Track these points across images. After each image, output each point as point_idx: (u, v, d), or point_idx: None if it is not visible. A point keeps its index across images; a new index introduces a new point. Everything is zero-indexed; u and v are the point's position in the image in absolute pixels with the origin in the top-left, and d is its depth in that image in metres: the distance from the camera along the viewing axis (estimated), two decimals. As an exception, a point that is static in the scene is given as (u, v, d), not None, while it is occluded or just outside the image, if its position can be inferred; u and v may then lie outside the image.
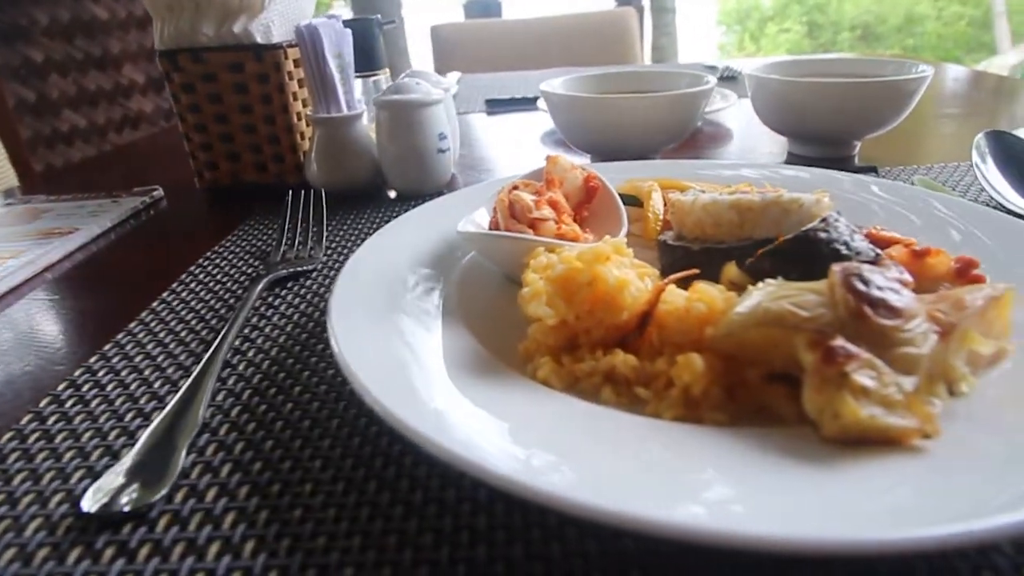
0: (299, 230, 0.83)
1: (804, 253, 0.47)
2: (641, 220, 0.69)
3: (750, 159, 1.09)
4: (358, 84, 1.09)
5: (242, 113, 0.99)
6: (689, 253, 0.57)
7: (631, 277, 0.45)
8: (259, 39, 0.95)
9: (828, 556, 0.30)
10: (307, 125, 1.01)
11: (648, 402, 0.43)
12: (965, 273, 0.49)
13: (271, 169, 1.02)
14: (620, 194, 0.74)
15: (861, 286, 0.40)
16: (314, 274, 0.73)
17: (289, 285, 0.71)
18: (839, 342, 0.37)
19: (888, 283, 0.41)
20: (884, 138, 1.06)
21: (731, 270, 0.49)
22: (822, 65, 1.12)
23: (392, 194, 0.99)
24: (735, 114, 1.39)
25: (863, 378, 0.36)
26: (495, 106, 1.61)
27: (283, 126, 0.99)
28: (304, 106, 1.02)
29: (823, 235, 0.47)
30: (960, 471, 0.34)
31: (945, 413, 0.39)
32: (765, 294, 0.42)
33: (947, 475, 0.34)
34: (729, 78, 1.75)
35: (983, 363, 0.43)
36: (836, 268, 0.41)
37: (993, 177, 0.80)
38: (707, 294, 0.45)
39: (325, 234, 0.83)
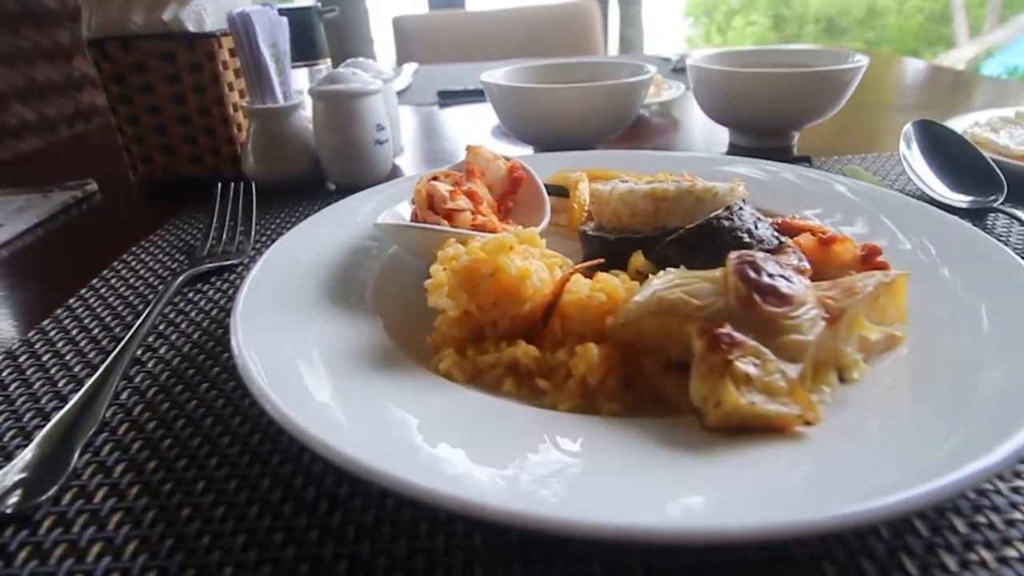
0: (228, 224, 0.81)
1: (707, 241, 0.47)
2: (568, 211, 0.69)
3: (692, 150, 1.09)
4: (300, 74, 1.07)
5: (175, 104, 0.97)
6: (606, 243, 0.57)
7: (534, 267, 0.45)
8: (191, 27, 0.93)
9: (693, 545, 0.30)
10: (244, 116, 0.99)
11: (548, 393, 0.43)
12: (870, 260, 0.50)
13: (207, 162, 0.99)
14: (549, 185, 0.74)
15: (752, 274, 0.40)
16: (240, 268, 0.72)
17: (213, 280, 0.70)
18: (725, 330, 0.38)
19: (781, 271, 0.41)
20: (824, 129, 1.07)
21: (637, 259, 0.49)
22: (763, 56, 1.13)
23: (332, 186, 0.98)
24: (683, 105, 1.40)
25: (746, 366, 0.37)
26: (447, 98, 1.60)
27: (219, 117, 0.96)
28: (241, 97, 1.00)
29: (726, 223, 0.48)
30: (841, 457, 0.35)
31: (836, 400, 0.40)
32: (662, 283, 0.42)
33: (827, 461, 0.34)
34: (682, 69, 1.75)
35: (876, 349, 0.43)
36: (731, 256, 0.42)
37: (917, 165, 0.82)
38: (609, 284, 0.45)
39: (255, 228, 0.81)
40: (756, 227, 0.48)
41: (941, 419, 0.36)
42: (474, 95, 1.59)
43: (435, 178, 0.60)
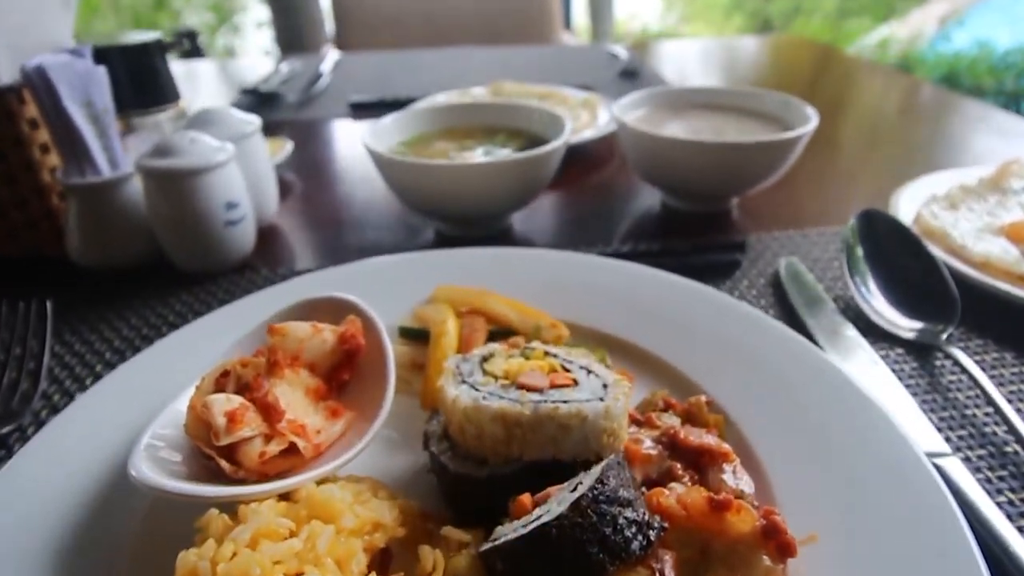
0: (9, 364, 0.63)
1: (546, 554, 0.34)
2: (428, 366, 0.55)
3: (627, 197, 0.95)
4: (147, 120, 0.89)
5: (-25, 170, 0.78)
6: (446, 474, 0.44)
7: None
8: (-20, 79, 0.73)
9: None
10: (60, 191, 0.81)
11: None
12: (771, 537, 0.38)
13: (24, 238, 0.81)
14: (407, 329, 0.59)
15: None
16: (12, 439, 0.57)
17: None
18: None
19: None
20: (769, 189, 0.93)
21: (458, 562, 0.36)
22: (706, 97, 0.98)
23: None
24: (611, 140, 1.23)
25: None
26: (361, 111, 1.41)
27: (30, 187, 0.78)
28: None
29: (574, 530, 0.34)
30: None
31: None
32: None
33: None
34: (630, 73, 1.58)
35: None
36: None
37: (860, 274, 0.70)
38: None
39: (46, 367, 0.63)
40: (618, 526, 0.35)
41: None
42: (390, 106, 1.40)
43: (225, 372, 0.45)
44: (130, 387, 0.54)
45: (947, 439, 0.54)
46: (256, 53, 6.97)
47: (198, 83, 1.73)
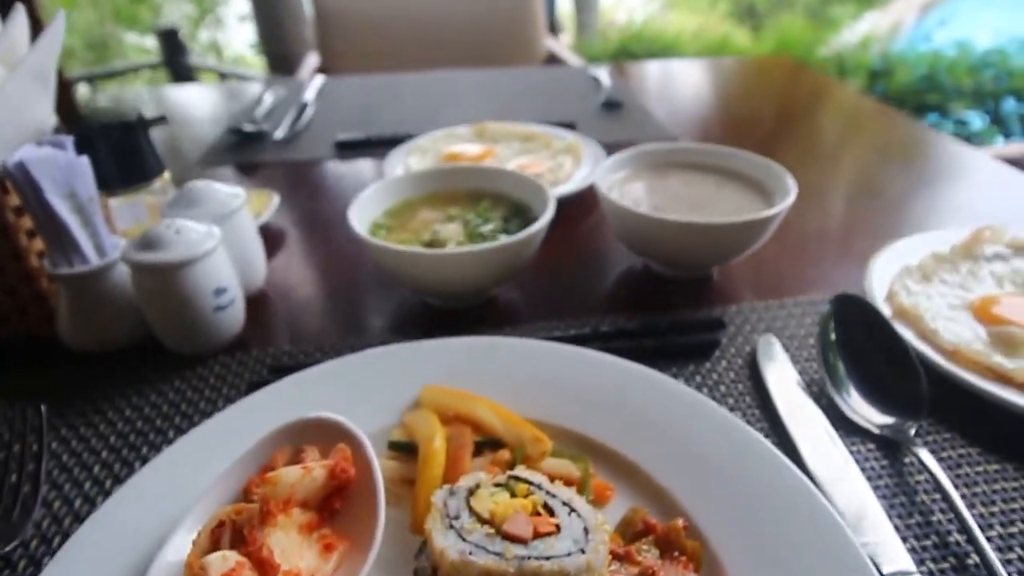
0: (8, 467, 0.64)
1: None
2: (416, 488, 0.57)
3: (605, 274, 0.97)
4: (124, 202, 0.89)
5: (-39, 257, 0.78)
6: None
7: None
8: (-39, 169, 0.73)
9: None
10: (48, 280, 0.81)
11: None
12: None
13: (14, 322, 0.82)
14: (395, 443, 0.61)
15: None
16: (16, 555, 0.58)
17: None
18: None
19: None
20: (751, 259, 0.95)
21: None
22: (685, 157, 0.99)
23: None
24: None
25: None
26: (346, 150, 1.41)
27: (17, 275, 0.79)
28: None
29: None
30: None
31: None
32: None
33: None
34: (613, 105, 1.59)
35: None
36: None
37: (831, 362, 0.72)
38: None
39: (44, 476, 0.64)
40: None
41: None
42: (375, 145, 1.40)
43: (221, 523, 0.47)
44: (117, 531, 0.54)
45: (912, 549, 0.56)
46: (240, 45, 6.85)
47: (184, 115, 1.72)
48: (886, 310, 0.79)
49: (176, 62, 4.85)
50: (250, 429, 0.57)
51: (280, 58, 4.78)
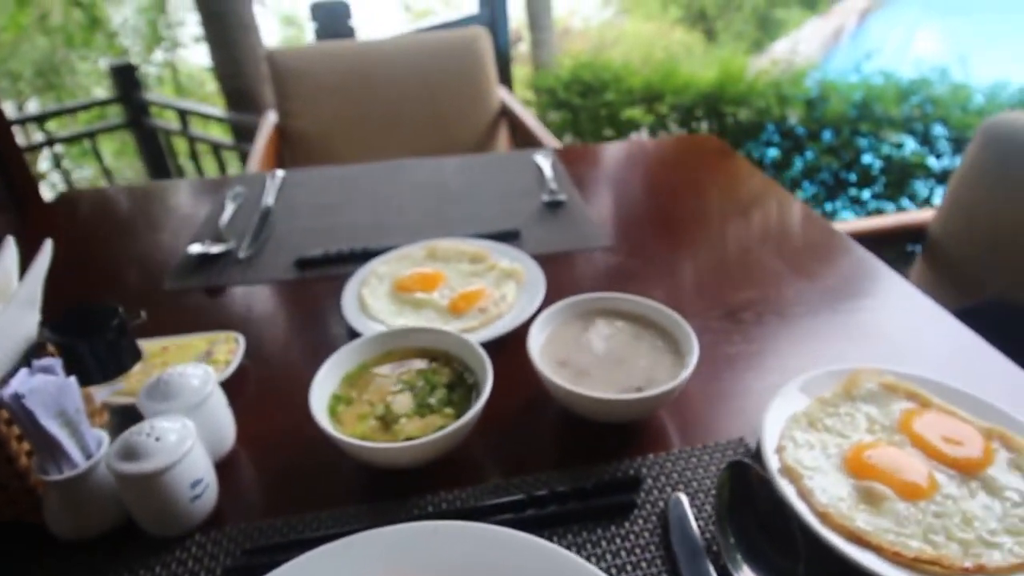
0: None
1: None
2: None
3: (536, 425, 1.09)
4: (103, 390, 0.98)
5: (-44, 462, 0.87)
6: None
7: None
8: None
9: None
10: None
11: None
12: None
13: (3, 511, 0.91)
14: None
15: None
16: None
17: None
18: None
19: None
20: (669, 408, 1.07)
21: None
22: (599, 303, 1.12)
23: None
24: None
25: None
26: (307, 269, 1.50)
27: (10, 475, 0.87)
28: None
29: None
30: None
31: None
32: None
33: None
34: (554, 204, 1.71)
35: None
36: None
37: (722, 524, 0.84)
38: None
39: None
40: None
41: None
42: (335, 262, 1.50)
43: None
44: None
45: None
46: (196, 63, 6.81)
47: (147, 219, 1.79)
48: (775, 464, 0.92)
49: (131, 97, 4.82)
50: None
51: (239, 93, 4.79)
